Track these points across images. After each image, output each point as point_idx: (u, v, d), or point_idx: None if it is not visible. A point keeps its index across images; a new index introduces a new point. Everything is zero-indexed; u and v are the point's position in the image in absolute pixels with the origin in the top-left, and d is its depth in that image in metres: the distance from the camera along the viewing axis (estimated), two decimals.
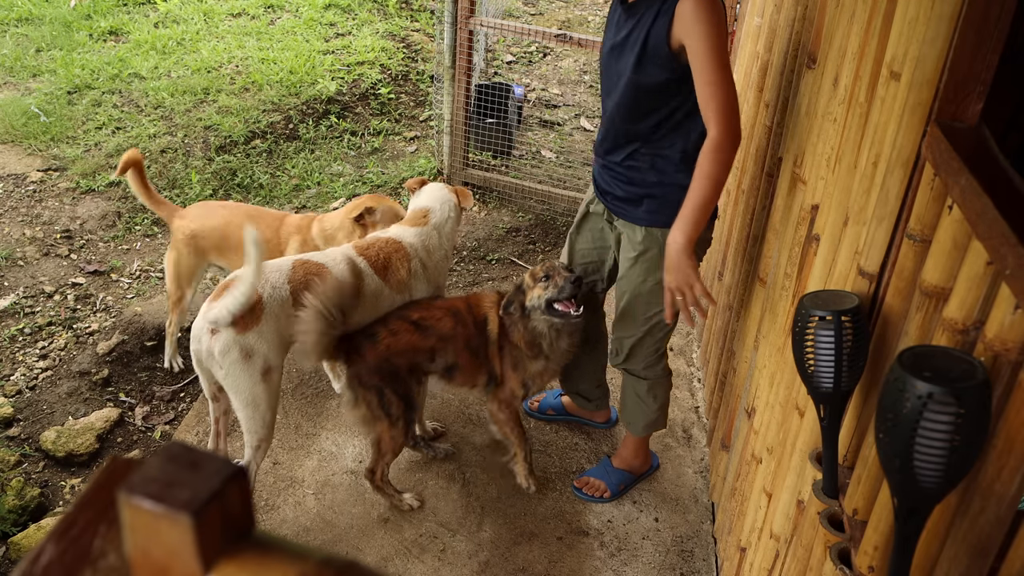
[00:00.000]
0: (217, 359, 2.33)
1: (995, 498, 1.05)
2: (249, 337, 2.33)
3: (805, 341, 1.45)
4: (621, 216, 2.42)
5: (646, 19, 2.10)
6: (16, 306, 3.55)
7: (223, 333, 2.31)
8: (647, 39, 2.10)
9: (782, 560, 1.83)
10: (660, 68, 2.11)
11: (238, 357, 2.33)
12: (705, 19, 2.00)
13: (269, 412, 2.44)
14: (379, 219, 2.96)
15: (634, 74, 2.15)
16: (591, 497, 2.82)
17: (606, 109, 2.34)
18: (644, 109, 2.21)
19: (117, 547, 0.51)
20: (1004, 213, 1.03)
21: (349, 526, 2.67)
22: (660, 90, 2.16)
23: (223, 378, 2.37)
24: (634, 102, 2.21)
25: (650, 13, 2.09)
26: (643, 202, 2.33)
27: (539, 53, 6.35)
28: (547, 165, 4.90)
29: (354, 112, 5.25)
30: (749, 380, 2.41)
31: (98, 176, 4.40)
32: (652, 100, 2.19)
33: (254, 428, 2.44)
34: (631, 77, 2.16)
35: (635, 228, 2.38)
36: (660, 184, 2.29)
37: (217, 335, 2.32)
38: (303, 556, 0.49)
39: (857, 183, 1.58)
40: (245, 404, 2.40)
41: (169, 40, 5.77)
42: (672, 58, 2.09)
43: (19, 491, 2.72)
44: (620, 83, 2.21)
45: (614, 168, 2.37)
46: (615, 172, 2.38)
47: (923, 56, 1.32)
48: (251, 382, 2.36)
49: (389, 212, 2.99)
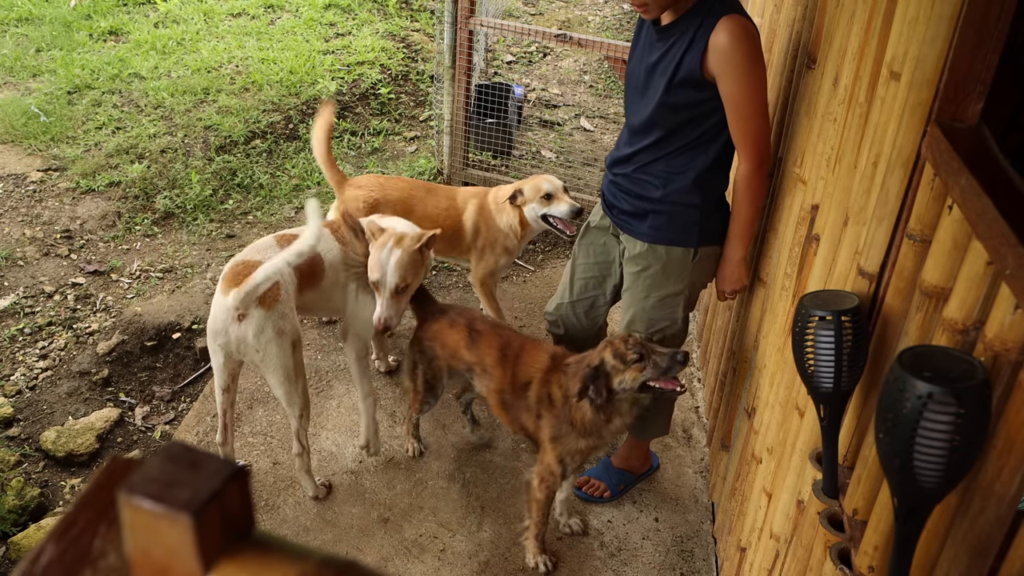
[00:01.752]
0: (252, 343, 2.37)
1: (995, 498, 1.05)
2: (275, 313, 2.38)
3: (805, 341, 1.45)
4: (626, 231, 2.41)
5: (680, 45, 2.10)
6: (16, 306, 3.55)
7: (253, 316, 2.35)
8: (679, 64, 2.10)
9: (782, 560, 1.83)
10: (691, 92, 2.12)
11: (272, 335, 2.37)
12: (741, 53, 2.01)
13: (302, 381, 2.53)
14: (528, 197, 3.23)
15: (665, 96, 2.15)
16: (591, 497, 2.82)
17: (629, 124, 2.34)
18: (668, 128, 2.22)
19: (117, 547, 0.51)
20: (1004, 213, 1.03)
21: (349, 526, 2.67)
22: (688, 113, 2.17)
23: (260, 360, 2.41)
24: (660, 121, 2.21)
25: (684, 39, 2.09)
26: (648, 217, 2.33)
27: (539, 53, 6.35)
28: (547, 165, 4.90)
29: (354, 112, 5.25)
30: (749, 380, 2.41)
31: (98, 176, 4.40)
32: (678, 121, 2.19)
33: (295, 400, 2.52)
34: (661, 99, 2.16)
35: (637, 243, 2.38)
36: (667, 201, 2.28)
37: (247, 320, 2.35)
38: (303, 556, 0.49)
39: (857, 183, 1.58)
40: (284, 380, 2.46)
41: (169, 40, 5.77)
42: (704, 85, 2.10)
43: (19, 491, 2.72)
44: (648, 103, 2.21)
45: (623, 182, 2.37)
46: (623, 186, 2.37)
47: (923, 56, 1.32)
48: (285, 356, 2.42)
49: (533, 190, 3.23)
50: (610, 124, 5.47)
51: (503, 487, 2.86)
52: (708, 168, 2.23)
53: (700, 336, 3.59)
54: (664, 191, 2.27)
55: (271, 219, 4.28)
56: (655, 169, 2.28)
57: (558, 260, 4.20)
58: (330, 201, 4.44)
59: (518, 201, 3.23)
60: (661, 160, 2.27)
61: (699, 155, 2.23)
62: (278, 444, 2.94)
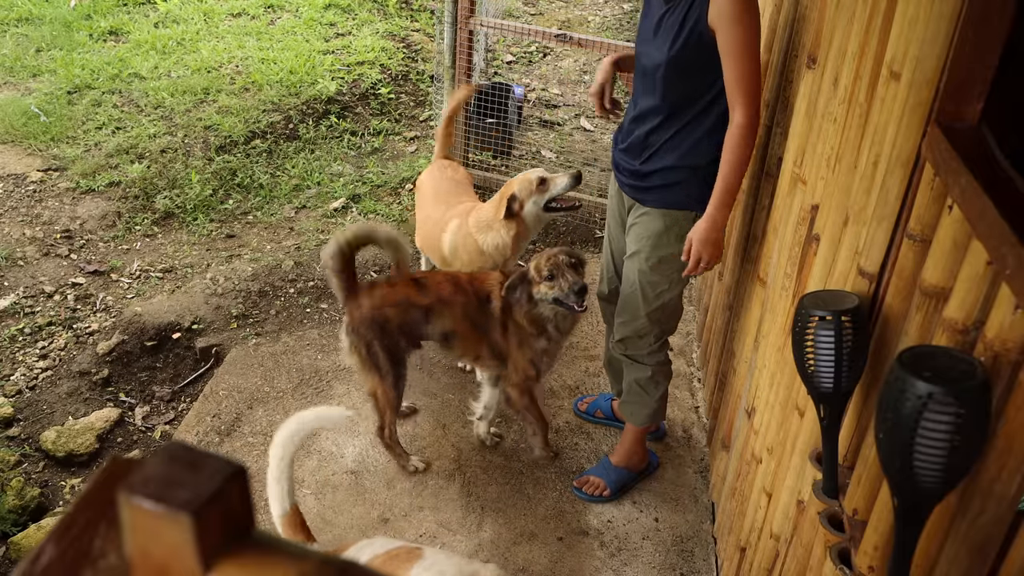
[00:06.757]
0: None
1: (995, 498, 1.05)
2: None
3: (805, 341, 1.45)
4: (633, 196, 2.49)
5: (683, 4, 2.18)
6: (16, 306, 3.55)
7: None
8: (683, 21, 2.18)
9: (782, 560, 1.83)
10: (695, 50, 2.18)
11: None
12: (739, 8, 2.09)
13: None
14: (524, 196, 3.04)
15: (670, 54, 2.21)
16: (591, 496, 2.83)
17: (637, 92, 2.41)
18: (675, 94, 2.28)
19: (117, 547, 0.51)
20: (1004, 213, 1.03)
21: (349, 526, 2.67)
22: (693, 73, 2.23)
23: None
24: (667, 84, 2.27)
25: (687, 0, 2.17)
26: (654, 182, 2.40)
27: (539, 53, 6.35)
28: (547, 165, 4.90)
29: (354, 112, 5.25)
30: (749, 380, 2.41)
31: (98, 176, 4.40)
32: (685, 82, 2.26)
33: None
34: (666, 58, 2.22)
35: (641, 208, 2.46)
36: (673, 168, 2.35)
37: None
38: (303, 556, 0.49)
39: (857, 183, 1.58)
40: None
41: (169, 40, 5.77)
42: (708, 41, 2.16)
43: (19, 491, 2.72)
44: (654, 65, 2.27)
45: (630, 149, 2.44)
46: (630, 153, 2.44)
47: (923, 56, 1.32)
48: None
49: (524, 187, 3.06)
50: (610, 124, 5.47)
51: (503, 487, 2.86)
52: (710, 131, 2.30)
53: (700, 336, 3.59)
54: (670, 157, 2.35)
55: (271, 219, 4.29)
56: (660, 137, 2.35)
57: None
58: (330, 202, 4.45)
59: (516, 207, 2.98)
60: (666, 127, 2.34)
61: (704, 120, 2.30)
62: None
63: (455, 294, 2.69)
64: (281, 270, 3.87)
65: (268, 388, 3.20)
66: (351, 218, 4.33)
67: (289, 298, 3.72)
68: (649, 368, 2.66)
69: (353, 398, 3.17)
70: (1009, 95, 1.30)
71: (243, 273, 3.83)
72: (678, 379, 3.28)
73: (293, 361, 3.33)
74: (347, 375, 3.27)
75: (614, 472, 2.85)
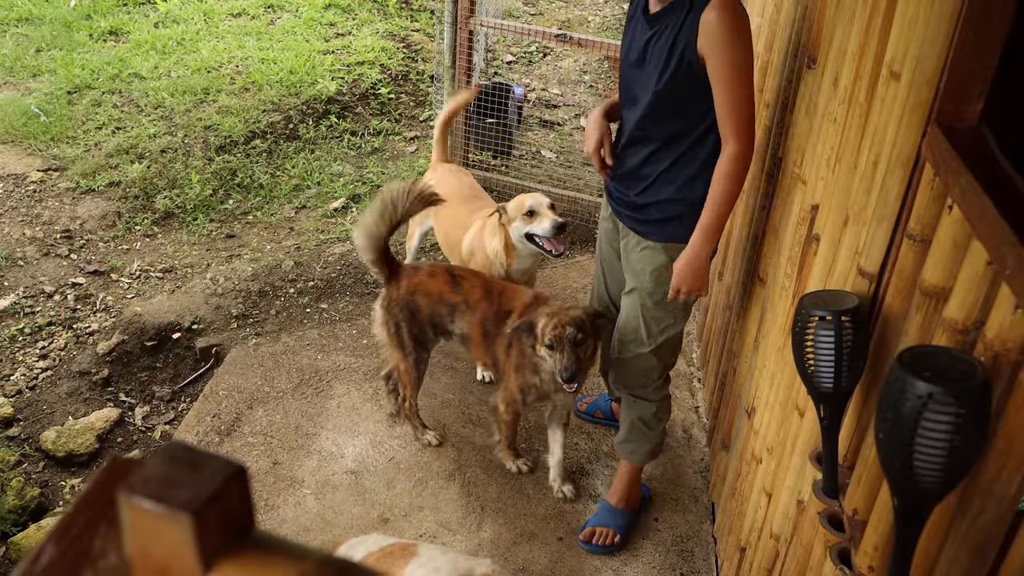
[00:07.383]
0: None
1: (995, 498, 1.05)
2: None
3: (805, 341, 1.45)
4: (630, 227, 2.40)
5: (671, 30, 2.08)
6: (16, 306, 3.55)
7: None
8: (671, 49, 2.07)
9: (782, 560, 1.83)
10: (685, 79, 2.09)
11: None
12: (729, 33, 1.98)
13: None
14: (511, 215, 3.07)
15: (658, 86, 2.12)
16: (604, 547, 2.65)
17: (627, 121, 2.31)
18: (666, 121, 2.19)
19: (117, 547, 0.51)
20: (1004, 213, 1.03)
21: (349, 526, 2.67)
22: (683, 102, 2.14)
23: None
24: (657, 113, 2.18)
25: (674, 24, 2.07)
26: (652, 216, 2.31)
27: (539, 53, 6.35)
28: (547, 165, 4.90)
29: (354, 112, 5.25)
30: (749, 380, 2.41)
31: (98, 176, 4.40)
32: (675, 112, 2.17)
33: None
34: (656, 89, 2.13)
35: (642, 240, 2.36)
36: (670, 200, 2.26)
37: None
38: (303, 556, 0.49)
39: (857, 183, 1.58)
40: None
41: (169, 40, 5.77)
42: (698, 69, 2.07)
43: (19, 491, 2.72)
44: (643, 95, 2.19)
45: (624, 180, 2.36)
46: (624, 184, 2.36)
47: (923, 56, 1.32)
48: None
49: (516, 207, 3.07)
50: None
51: (503, 487, 2.86)
52: (706, 162, 2.19)
53: (700, 336, 3.59)
54: (667, 191, 2.26)
55: (271, 219, 4.29)
56: (654, 168, 2.26)
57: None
58: (330, 202, 4.44)
59: (502, 220, 3.05)
60: (660, 159, 2.25)
61: (699, 152, 2.20)
62: (278, 444, 2.94)
63: (482, 300, 2.73)
64: (281, 270, 3.87)
65: (268, 388, 3.20)
66: (351, 218, 4.33)
67: (289, 298, 3.72)
68: (654, 404, 2.57)
69: (353, 398, 3.17)
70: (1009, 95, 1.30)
71: (243, 273, 3.83)
72: (678, 379, 3.28)
73: (293, 361, 3.34)
74: (347, 375, 3.28)
75: (620, 516, 2.70)
